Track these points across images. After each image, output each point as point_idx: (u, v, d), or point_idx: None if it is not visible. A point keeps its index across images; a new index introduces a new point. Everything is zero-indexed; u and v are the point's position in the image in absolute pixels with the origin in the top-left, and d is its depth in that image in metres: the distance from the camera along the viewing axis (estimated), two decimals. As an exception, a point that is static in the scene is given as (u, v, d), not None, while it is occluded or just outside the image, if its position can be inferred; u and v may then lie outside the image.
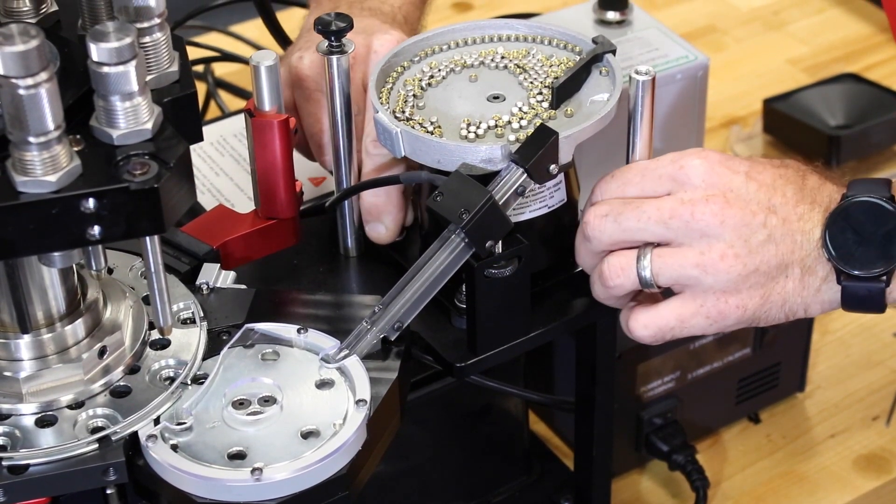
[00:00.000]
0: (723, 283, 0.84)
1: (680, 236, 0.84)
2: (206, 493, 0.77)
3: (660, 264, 0.85)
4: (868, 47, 1.60)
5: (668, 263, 0.85)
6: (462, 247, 0.84)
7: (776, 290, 0.85)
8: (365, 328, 0.85)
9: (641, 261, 0.85)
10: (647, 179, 0.86)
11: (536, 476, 1.12)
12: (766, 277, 0.85)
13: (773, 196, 0.85)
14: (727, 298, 0.85)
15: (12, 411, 0.80)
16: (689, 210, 0.84)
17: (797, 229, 0.85)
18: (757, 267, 0.84)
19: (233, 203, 1.12)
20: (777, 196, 0.85)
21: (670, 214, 0.84)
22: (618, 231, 0.86)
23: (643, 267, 0.85)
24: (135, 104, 0.73)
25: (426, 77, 0.92)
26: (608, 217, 0.86)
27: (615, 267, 0.86)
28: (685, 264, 0.84)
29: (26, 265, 0.79)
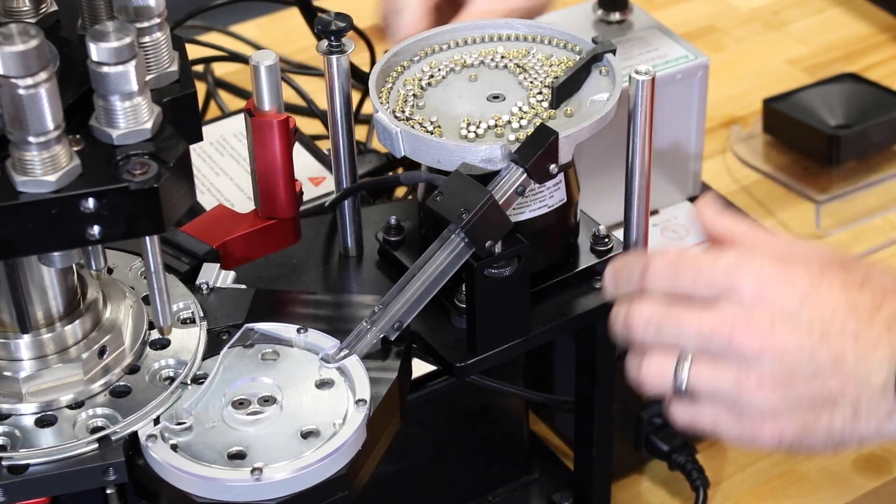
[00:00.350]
0: (759, 408, 0.80)
1: (720, 353, 0.80)
2: (205, 492, 0.77)
3: (698, 377, 0.81)
4: (868, 47, 1.60)
5: (706, 377, 0.81)
6: (462, 246, 0.84)
7: (820, 423, 0.79)
8: (365, 328, 0.85)
9: (680, 367, 0.82)
10: (699, 281, 0.81)
11: (536, 476, 1.12)
12: (809, 408, 0.79)
13: (829, 327, 0.78)
14: (763, 423, 0.80)
15: (12, 411, 0.80)
16: (729, 331, 0.79)
17: (853, 366, 0.78)
18: (799, 397, 0.79)
19: (233, 203, 1.12)
20: (835, 327, 0.78)
21: (711, 332, 0.80)
22: (658, 339, 0.82)
23: (681, 374, 0.82)
24: (134, 104, 0.73)
25: (426, 77, 0.92)
26: (651, 323, 0.82)
27: (654, 369, 0.83)
28: (723, 382, 0.80)
29: (26, 265, 0.79)
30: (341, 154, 0.94)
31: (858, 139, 1.38)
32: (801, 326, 0.78)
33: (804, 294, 0.79)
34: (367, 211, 0.98)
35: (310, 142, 1.19)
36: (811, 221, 1.35)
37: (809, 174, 1.40)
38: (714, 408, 0.82)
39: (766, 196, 1.38)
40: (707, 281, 0.81)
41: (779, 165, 1.41)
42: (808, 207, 1.36)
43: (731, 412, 0.81)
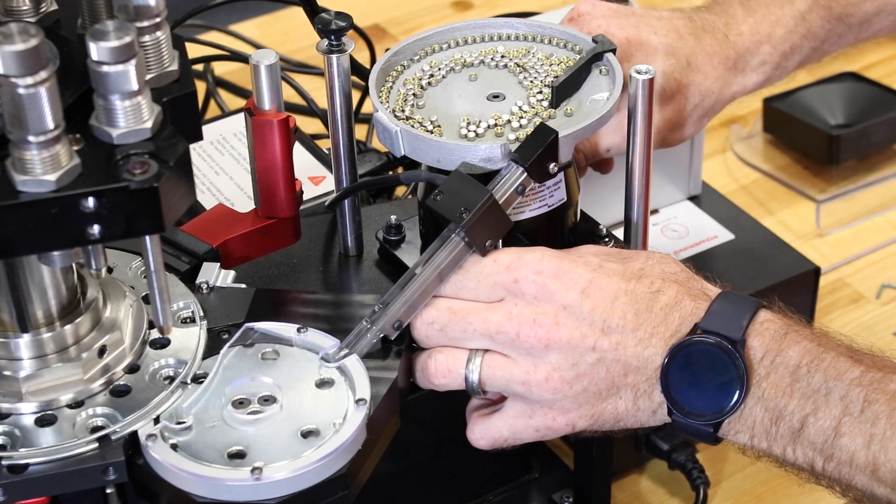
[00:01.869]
0: (548, 401, 0.83)
1: (507, 350, 0.83)
2: (205, 492, 0.77)
3: (488, 374, 0.84)
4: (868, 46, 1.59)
5: (496, 375, 0.83)
6: (462, 246, 0.84)
7: (607, 410, 0.83)
8: (365, 327, 0.85)
9: (470, 364, 0.84)
10: (481, 286, 0.83)
11: (536, 475, 1.12)
12: (595, 398, 0.83)
13: (609, 317, 0.81)
14: (555, 416, 0.84)
15: (12, 410, 0.80)
16: (515, 329, 0.82)
17: (632, 354, 0.81)
18: (585, 388, 0.82)
19: (232, 202, 1.12)
20: (615, 317, 0.81)
21: (497, 329, 0.82)
22: (444, 339, 0.84)
23: (471, 371, 0.84)
24: (134, 103, 0.72)
25: (426, 76, 0.92)
26: (434, 325, 0.84)
27: (442, 366, 0.85)
28: (511, 380, 0.83)
29: (26, 264, 0.79)
30: (341, 153, 0.94)
31: (858, 138, 1.38)
32: (583, 319, 0.81)
33: (585, 286, 0.82)
34: (367, 210, 0.98)
35: (310, 141, 1.19)
36: (811, 220, 1.35)
37: (809, 173, 1.40)
38: (508, 412, 0.85)
39: (766, 195, 1.38)
40: (489, 283, 0.83)
41: (779, 164, 1.41)
42: (808, 206, 1.36)
43: (523, 412, 0.84)
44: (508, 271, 0.83)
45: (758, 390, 0.80)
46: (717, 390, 0.80)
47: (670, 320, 0.82)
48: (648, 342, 0.81)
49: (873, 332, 1.26)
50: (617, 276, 0.82)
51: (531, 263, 0.82)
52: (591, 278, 0.82)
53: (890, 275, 1.30)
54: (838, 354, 0.80)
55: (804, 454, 0.80)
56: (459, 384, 0.85)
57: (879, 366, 0.80)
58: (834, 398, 0.79)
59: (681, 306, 0.82)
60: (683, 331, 0.81)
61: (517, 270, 0.82)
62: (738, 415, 0.81)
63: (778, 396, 0.80)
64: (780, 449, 0.81)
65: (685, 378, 0.81)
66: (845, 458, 0.78)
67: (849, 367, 0.80)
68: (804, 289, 1.18)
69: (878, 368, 0.79)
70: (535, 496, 1.10)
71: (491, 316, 0.83)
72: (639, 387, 0.82)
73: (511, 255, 0.83)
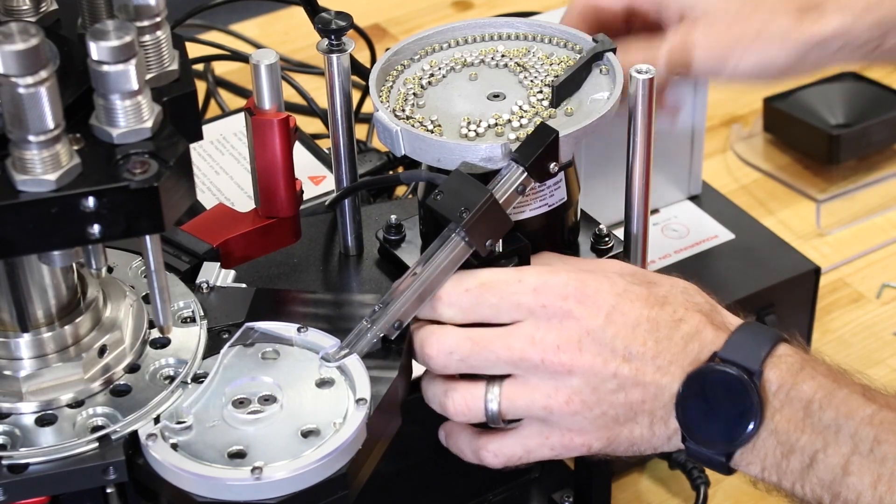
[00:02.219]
0: (567, 424, 0.83)
1: (528, 375, 0.82)
2: (206, 492, 0.77)
3: (508, 403, 0.83)
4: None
5: (517, 403, 0.83)
6: (462, 245, 0.84)
7: (623, 434, 0.83)
8: (365, 327, 0.85)
9: (489, 395, 0.83)
10: (504, 304, 0.82)
11: (536, 475, 1.12)
12: (613, 422, 0.83)
13: (631, 343, 0.81)
14: (572, 437, 0.83)
15: (12, 410, 0.80)
16: (539, 355, 0.81)
17: (651, 381, 0.81)
18: (604, 412, 0.82)
19: (233, 202, 1.12)
20: (636, 344, 0.81)
21: (520, 356, 0.82)
22: (464, 368, 0.83)
23: (490, 402, 0.83)
24: (134, 103, 0.72)
25: (426, 75, 0.92)
26: (453, 355, 0.83)
27: (460, 405, 0.84)
28: (532, 405, 0.83)
29: (26, 264, 0.79)
30: (341, 153, 0.94)
31: (859, 138, 1.38)
32: (605, 345, 0.81)
33: (609, 311, 0.81)
34: (367, 210, 0.98)
35: (310, 140, 1.19)
36: (811, 220, 1.35)
37: (810, 173, 1.40)
38: (523, 431, 0.84)
39: (766, 195, 1.38)
40: (512, 303, 0.82)
41: (779, 164, 1.41)
42: (809, 206, 1.36)
43: (540, 432, 0.84)
44: (535, 294, 0.82)
45: (771, 423, 0.80)
46: (731, 420, 0.80)
47: (690, 349, 0.82)
48: (667, 370, 0.81)
49: (873, 332, 1.26)
50: (640, 302, 0.82)
51: (558, 288, 0.82)
52: (615, 304, 0.82)
53: (890, 275, 1.30)
54: (852, 392, 0.80)
55: (812, 491, 0.80)
56: (479, 418, 0.84)
57: (893, 406, 0.80)
58: (844, 435, 0.79)
59: (701, 335, 0.82)
60: (702, 359, 0.81)
61: (544, 294, 0.82)
62: (750, 446, 0.81)
63: (790, 430, 0.80)
64: (790, 484, 0.81)
65: (701, 406, 0.81)
66: (852, 497, 0.78)
67: (861, 406, 0.79)
68: (804, 289, 1.18)
69: (891, 409, 0.79)
70: (535, 496, 1.10)
71: (514, 342, 0.82)
72: (655, 413, 0.82)
73: (537, 278, 0.82)
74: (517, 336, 0.82)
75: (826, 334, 1.26)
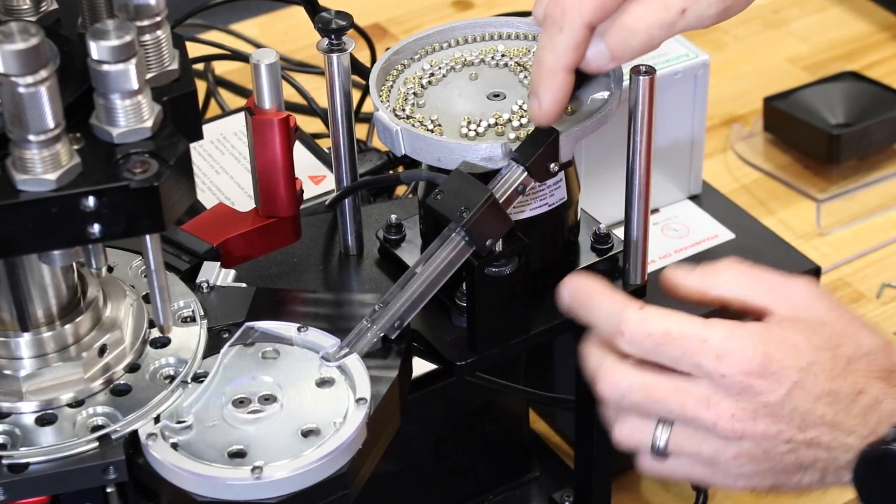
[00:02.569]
0: (734, 472, 0.82)
1: (699, 429, 0.81)
2: (206, 491, 0.77)
3: (675, 447, 0.82)
4: (869, 45, 1.60)
5: (683, 448, 0.82)
6: (462, 245, 0.84)
7: (791, 482, 0.82)
8: (365, 327, 0.85)
9: (657, 432, 0.82)
10: (684, 361, 0.80)
11: (537, 474, 1.12)
12: (781, 473, 0.81)
13: (808, 416, 0.80)
14: (736, 481, 0.82)
15: (12, 410, 0.80)
16: (712, 419, 0.80)
17: (826, 446, 0.80)
18: (772, 467, 0.81)
19: (233, 201, 1.12)
20: (814, 416, 0.80)
21: (693, 415, 0.80)
22: (634, 410, 0.82)
23: (658, 439, 0.82)
24: (135, 102, 0.72)
25: (426, 75, 0.92)
26: (625, 398, 0.82)
27: (628, 438, 0.83)
28: (699, 454, 0.81)
29: (26, 263, 0.79)
30: (342, 152, 0.94)
31: (859, 138, 1.38)
32: (782, 418, 0.80)
33: (790, 388, 0.80)
34: (367, 209, 0.98)
35: (310, 140, 1.19)
36: (812, 220, 1.35)
37: (810, 172, 1.40)
38: (686, 463, 0.83)
39: (766, 195, 1.38)
40: (692, 363, 0.80)
41: (779, 164, 1.41)
42: (809, 206, 1.36)
43: (704, 471, 0.83)
44: (717, 362, 0.80)
45: None
46: None
47: (869, 419, 0.80)
48: (844, 439, 0.80)
49: (874, 331, 1.26)
50: (823, 376, 0.80)
51: (742, 361, 0.79)
52: (797, 380, 0.80)
53: (890, 274, 1.30)
54: None
55: None
56: (646, 450, 0.83)
57: None
58: None
59: (881, 407, 0.80)
60: (881, 432, 0.80)
61: (726, 364, 0.79)
62: None
63: None
64: None
65: (875, 485, 0.79)
66: None
67: None
68: (805, 288, 1.18)
69: None
70: (535, 495, 1.11)
71: (688, 402, 0.80)
72: (828, 469, 0.81)
73: (722, 343, 0.80)
74: (692, 395, 0.80)
75: (826, 334, 1.26)
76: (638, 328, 0.81)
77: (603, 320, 0.83)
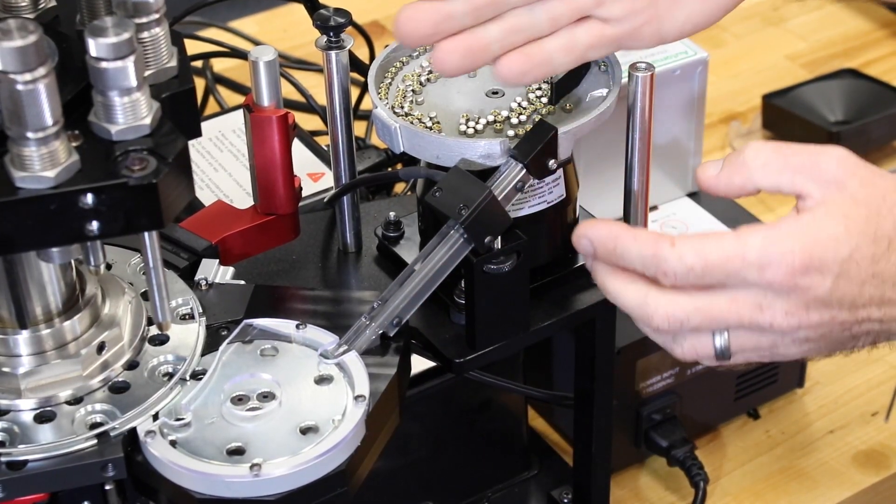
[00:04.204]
0: (793, 352, 0.84)
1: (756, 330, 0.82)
2: (204, 488, 0.77)
3: (737, 348, 0.83)
4: (867, 43, 1.60)
5: (745, 347, 0.83)
6: (461, 242, 0.84)
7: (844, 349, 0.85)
8: (364, 324, 0.85)
9: (718, 341, 0.83)
10: (729, 282, 0.81)
11: (535, 472, 1.12)
12: (835, 344, 0.84)
13: (857, 300, 0.81)
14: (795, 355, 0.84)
15: (10, 407, 0.80)
16: (768, 321, 0.81)
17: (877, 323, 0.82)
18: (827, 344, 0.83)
19: (231, 199, 1.12)
20: (862, 299, 0.81)
21: (749, 322, 0.82)
22: (694, 332, 0.83)
23: (720, 348, 0.83)
24: (133, 100, 0.72)
25: (425, 72, 0.92)
26: (684, 326, 0.82)
27: (690, 351, 0.84)
28: (760, 348, 0.83)
29: (25, 261, 0.79)
30: (340, 150, 0.93)
31: (858, 135, 1.38)
32: (832, 306, 0.81)
33: (834, 280, 0.80)
34: (365, 207, 0.98)
35: (309, 137, 1.19)
36: (810, 217, 1.35)
37: (809, 170, 1.40)
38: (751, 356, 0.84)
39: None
40: (738, 280, 0.81)
41: (778, 161, 1.41)
42: (808, 203, 1.36)
43: (764, 355, 0.84)
44: (760, 272, 0.80)
45: None
46: None
47: None
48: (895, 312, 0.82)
49: (872, 328, 1.26)
50: (866, 263, 0.81)
51: (783, 265, 0.80)
52: (840, 272, 0.81)
53: (889, 271, 1.29)
54: None
55: None
56: (710, 360, 0.84)
57: None
58: None
59: None
60: None
61: (769, 271, 0.80)
62: None
63: None
64: None
65: None
66: None
67: None
68: (803, 285, 1.18)
69: None
70: (534, 493, 1.11)
71: (742, 311, 0.81)
72: (880, 336, 0.84)
73: (761, 253, 0.80)
74: (745, 304, 0.81)
75: (825, 331, 1.26)
76: (678, 266, 0.81)
77: (639, 263, 0.83)
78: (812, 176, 0.83)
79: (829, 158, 0.83)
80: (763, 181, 0.85)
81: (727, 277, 0.81)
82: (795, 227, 0.82)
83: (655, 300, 0.82)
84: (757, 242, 0.81)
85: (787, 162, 0.84)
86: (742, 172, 0.85)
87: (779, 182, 0.84)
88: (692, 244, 0.81)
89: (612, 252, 0.83)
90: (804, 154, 0.84)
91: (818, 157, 0.83)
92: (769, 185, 0.85)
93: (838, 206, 0.82)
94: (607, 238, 0.83)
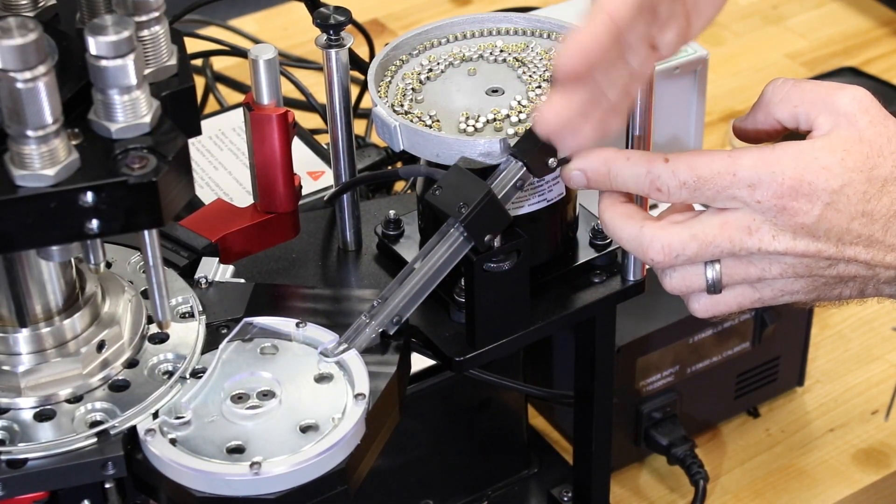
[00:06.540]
0: (780, 286, 0.84)
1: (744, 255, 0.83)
2: (204, 487, 0.77)
3: (728, 278, 0.84)
4: (867, 41, 1.60)
5: (734, 277, 0.84)
6: (461, 241, 0.84)
7: (832, 294, 0.85)
8: (364, 322, 0.85)
9: (709, 272, 0.84)
10: (719, 198, 0.82)
11: (535, 470, 1.12)
12: (823, 286, 0.84)
13: (844, 235, 0.82)
14: (782, 296, 0.85)
15: (11, 405, 0.80)
16: (756, 244, 0.82)
17: (863, 266, 0.83)
18: (814, 280, 0.84)
19: (231, 197, 1.12)
20: (850, 236, 0.82)
21: (740, 246, 0.82)
22: (688, 263, 0.84)
23: (710, 277, 0.84)
24: (133, 98, 0.72)
25: (425, 71, 0.92)
26: (680, 256, 0.83)
27: (679, 284, 0.85)
28: (748, 277, 0.84)
29: (24, 259, 0.79)
30: (340, 148, 0.93)
31: (858, 133, 1.38)
32: (820, 236, 0.82)
33: (822, 209, 0.81)
34: (365, 205, 0.98)
35: (309, 136, 1.19)
36: (810, 216, 1.35)
37: (809, 168, 1.40)
38: (735, 292, 0.85)
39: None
40: (728, 197, 0.82)
41: (778, 160, 1.41)
42: (808, 202, 1.36)
43: (754, 294, 0.85)
44: (750, 190, 0.81)
45: None
46: None
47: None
48: (883, 258, 0.82)
49: (872, 327, 1.27)
50: (857, 198, 0.82)
51: (773, 186, 0.81)
52: (830, 202, 0.81)
53: (889, 270, 1.29)
54: None
55: None
56: (700, 292, 0.85)
57: None
58: None
59: None
60: None
61: (759, 191, 0.81)
62: None
63: None
64: None
65: None
66: None
67: None
68: (803, 284, 1.18)
69: None
70: (534, 491, 1.11)
71: (733, 233, 0.82)
72: (867, 284, 0.84)
73: (752, 172, 0.81)
74: (735, 226, 0.82)
75: (825, 329, 1.26)
76: (671, 181, 0.83)
77: (633, 182, 0.84)
78: (825, 108, 0.83)
79: (843, 93, 0.84)
80: (781, 114, 0.86)
81: (717, 194, 0.82)
82: (790, 151, 0.82)
83: (651, 232, 0.84)
84: (749, 162, 0.82)
85: (804, 96, 0.84)
86: (763, 108, 0.86)
87: (795, 114, 0.85)
88: (685, 160, 0.83)
89: (605, 176, 0.85)
90: (822, 88, 0.85)
91: (834, 91, 0.84)
92: (787, 117, 0.85)
93: (841, 140, 0.82)
94: (599, 164, 0.84)
